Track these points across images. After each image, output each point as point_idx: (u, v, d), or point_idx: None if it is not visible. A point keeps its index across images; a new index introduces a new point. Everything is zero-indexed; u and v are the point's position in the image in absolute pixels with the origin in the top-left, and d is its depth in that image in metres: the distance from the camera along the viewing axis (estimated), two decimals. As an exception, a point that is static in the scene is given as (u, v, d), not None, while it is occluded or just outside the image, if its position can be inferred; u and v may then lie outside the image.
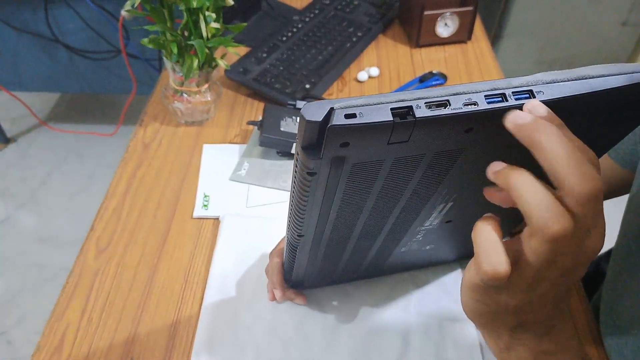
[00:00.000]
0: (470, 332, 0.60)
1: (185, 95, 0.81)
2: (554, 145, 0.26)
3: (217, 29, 0.75)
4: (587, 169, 0.26)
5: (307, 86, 0.90)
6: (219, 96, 0.85)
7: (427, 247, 0.55)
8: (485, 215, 0.32)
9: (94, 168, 1.89)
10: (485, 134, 0.31)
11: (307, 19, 1.04)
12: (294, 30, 1.01)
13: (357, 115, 0.27)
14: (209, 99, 0.83)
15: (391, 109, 0.27)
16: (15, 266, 1.59)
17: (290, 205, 0.38)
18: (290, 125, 0.78)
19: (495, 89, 0.29)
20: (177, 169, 0.78)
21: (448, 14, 1.01)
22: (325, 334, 0.59)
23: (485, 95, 0.29)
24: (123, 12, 0.74)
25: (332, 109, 0.27)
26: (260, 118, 0.80)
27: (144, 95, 1.02)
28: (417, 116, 0.27)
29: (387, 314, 0.61)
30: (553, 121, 0.28)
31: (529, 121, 0.27)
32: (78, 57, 1.62)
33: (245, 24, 0.78)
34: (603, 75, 0.30)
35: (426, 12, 0.99)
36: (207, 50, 0.74)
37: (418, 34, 1.02)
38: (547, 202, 0.27)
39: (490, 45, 1.06)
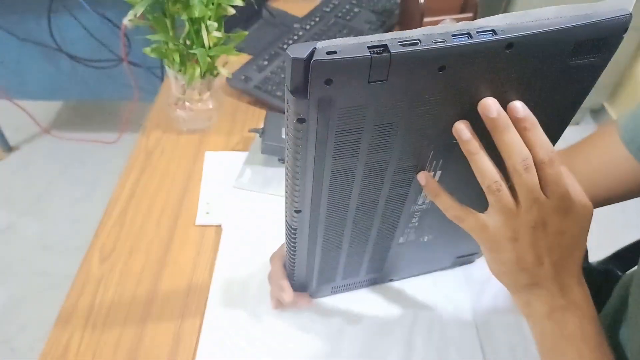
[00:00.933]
0: (473, 337, 0.60)
1: (187, 103, 0.82)
2: (506, 137, 0.37)
3: (218, 37, 0.75)
4: (517, 146, 0.37)
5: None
6: (221, 104, 0.85)
7: (425, 239, 0.56)
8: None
9: (96, 175, 1.90)
10: (457, 77, 0.34)
11: (308, 27, 1.05)
12: (295, 37, 1.02)
13: (338, 52, 0.30)
14: (211, 106, 0.83)
15: (368, 47, 0.30)
16: (19, 274, 1.60)
17: (286, 174, 0.40)
18: (291, 132, 0.78)
19: (462, 29, 0.32)
20: (180, 177, 0.79)
21: (448, 20, 1.01)
22: (328, 341, 0.59)
23: (452, 34, 0.32)
24: (125, 21, 0.75)
25: (314, 48, 0.30)
26: (262, 125, 0.81)
27: (146, 103, 1.03)
28: (392, 52, 0.31)
29: (389, 320, 0.61)
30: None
31: (494, 116, 0.36)
32: (80, 65, 1.63)
33: (246, 32, 0.79)
34: (561, 16, 0.33)
35: (426, 19, 1.00)
36: (209, 59, 0.75)
37: (418, 41, 1.03)
38: (491, 171, 0.38)
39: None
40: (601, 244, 0.82)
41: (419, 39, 0.31)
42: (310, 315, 0.61)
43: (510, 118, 0.37)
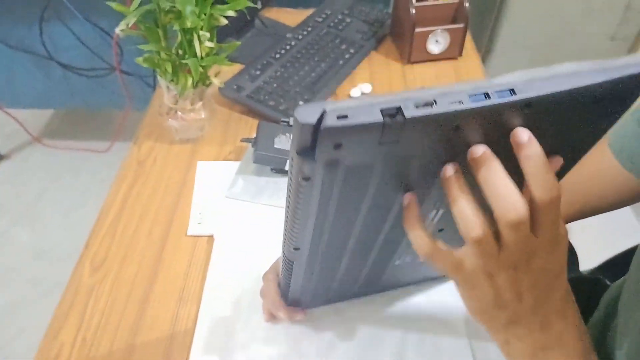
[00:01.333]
0: (465, 348, 0.60)
1: (179, 112, 0.82)
2: (490, 178, 0.33)
3: (211, 47, 0.76)
4: (511, 199, 0.32)
5: (301, 103, 0.91)
6: (213, 113, 0.85)
7: (422, 259, 0.56)
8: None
9: (88, 184, 1.89)
10: (471, 133, 0.33)
11: (300, 37, 1.05)
12: (287, 47, 1.02)
13: (349, 116, 0.28)
14: (203, 116, 0.83)
15: (381, 110, 0.29)
16: (11, 282, 1.59)
17: (286, 216, 0.39)
18: (284, 142, 0.79)
19: (479, 88, 0.31)
20: (172, 186, 0.79)
21: (439, 30, 1.02)
22: (320, 352, 0.59)
23: (469, 95, 0.30)
24: (117, 30, 0.75)
25: (324, 111, 0.28)
26: (254, 135, 0.81)
27: (138, 112, 1.03)
28: (406, 116, 0.29)
29: (381, 331, 0.61)
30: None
31: (479, 155, 0.33)
32: (72, 74, 1.63)
33: (239, 42, 0.79)
34: (580, 73, 0.32)
35: (417, 30, 1.01)
36: (201, 69, 0.75)
37: (409, 51, 1.04)
38: (473, 221, 0.33)
39: (481, 61, 1.08)
40: (590, 253, 0.83)
41: (434, 100, 0.30)
42: (302, 328, 0.61)
43: (514, 145, 0.33)
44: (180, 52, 0.76)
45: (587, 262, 0.85)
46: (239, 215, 0.75)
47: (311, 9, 1.17)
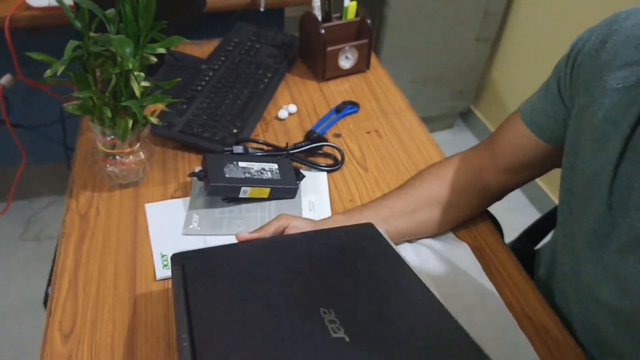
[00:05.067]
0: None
1: (117, 157, 0.78)
2: None
3: (146, 87, 0.74)
4: None
5: (235, 131, 0.92)
6: (152, 153, 0.83)
7: None
8: None
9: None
10: None
11: (216, 66, 1.06)
12: (207, 78, 1.02)
13: None
14: (143, 157, 0.81)
15: None
16: None
17: None
18: (233, 170, 0.79)
19: None
20: (124, 234, 0.75)
21: (347, 47, 1.09)
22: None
23: None
24: (2, 81, 0.70)
25: None
26: (199, 169, 0.80)
27: (37, 165, 0.95)
28: None
29: None
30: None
31: None
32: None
33: (179, 79, 0.79)
34: None
35: (329, 48, 1.06)
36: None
37: (324, 69, 1.09)
38: None
39: (386, 71, 1.17)
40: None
41: None
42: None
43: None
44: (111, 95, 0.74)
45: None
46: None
47: (216, 39, 1.18)
